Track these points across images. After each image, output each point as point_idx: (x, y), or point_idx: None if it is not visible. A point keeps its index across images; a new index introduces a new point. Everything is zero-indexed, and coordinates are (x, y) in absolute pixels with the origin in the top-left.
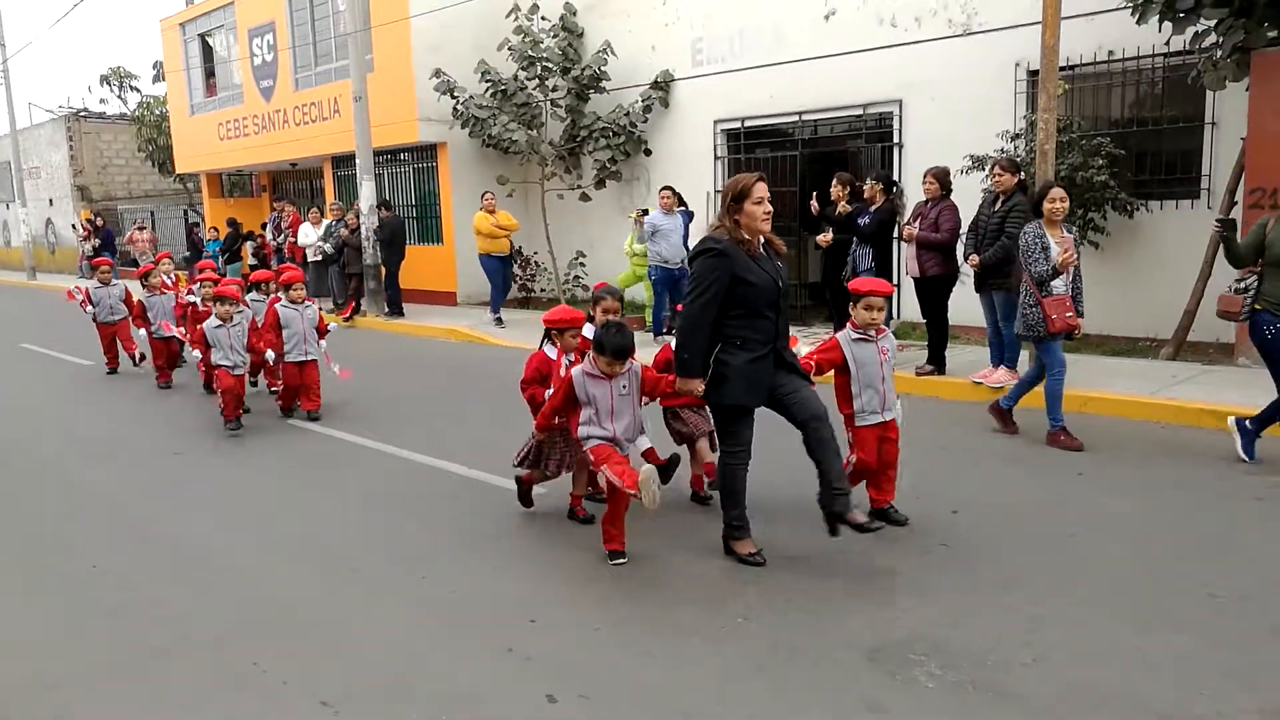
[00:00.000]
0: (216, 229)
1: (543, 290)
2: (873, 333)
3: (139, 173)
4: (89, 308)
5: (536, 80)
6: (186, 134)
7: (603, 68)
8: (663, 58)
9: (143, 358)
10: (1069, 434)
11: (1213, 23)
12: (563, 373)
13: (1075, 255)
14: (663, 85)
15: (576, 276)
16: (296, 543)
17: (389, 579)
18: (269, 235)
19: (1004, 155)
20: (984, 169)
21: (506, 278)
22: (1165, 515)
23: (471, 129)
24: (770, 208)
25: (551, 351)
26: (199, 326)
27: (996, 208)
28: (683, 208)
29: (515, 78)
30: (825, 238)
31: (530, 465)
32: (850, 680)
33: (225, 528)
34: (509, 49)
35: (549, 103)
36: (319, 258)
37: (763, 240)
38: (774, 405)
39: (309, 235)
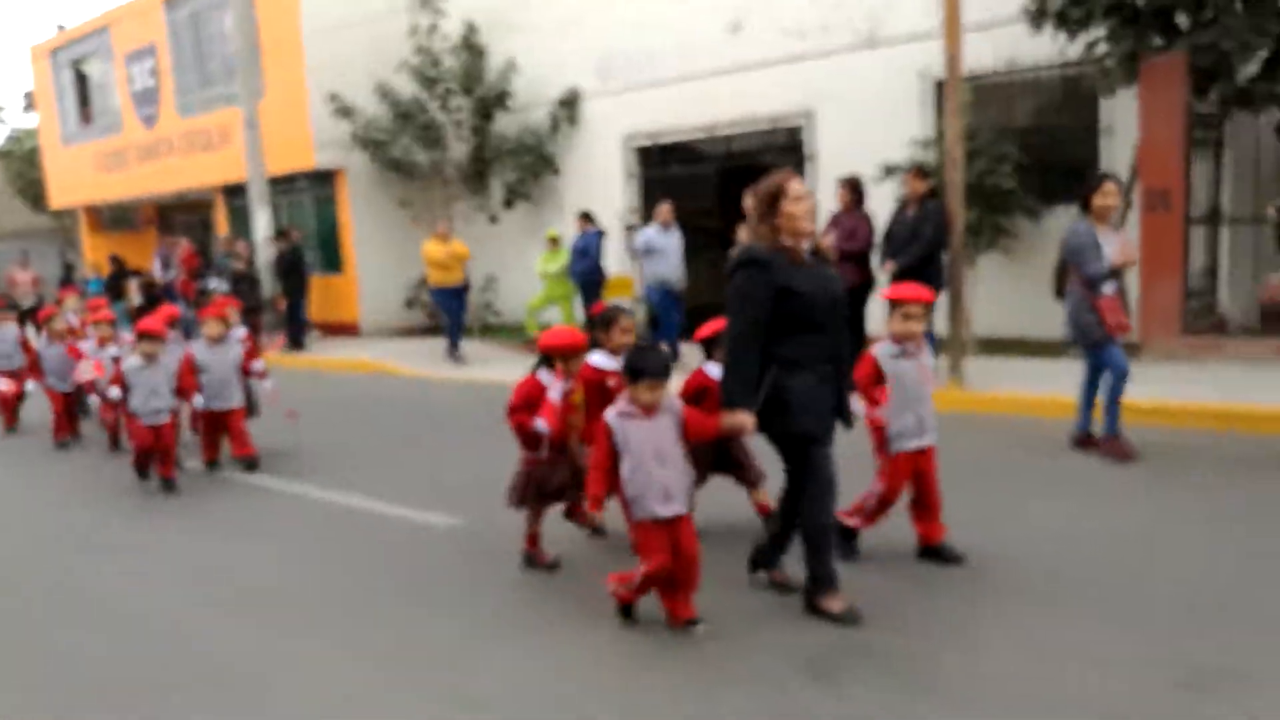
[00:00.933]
0: (98, 267)
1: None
2: (912, 346)
3: (9, 209)
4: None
5: (438, 101)
6: (61, 166)
7: (507, 86)
8: (570, 75)
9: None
10: (1122, 442)
11: (1103, 32)
12: (555, 398)
13: (1135, 253)
14: (570, 103)
15: (488, 303)
16: (217, 593)
17: (317, 626)
18: (157, 270)
19: (914, 163)
20: (895, 177)
21: (463, 310)
22: (1081, 508)
23: (371, 153)
24: (813, 203)
25: (546, 378)
26: (117, 367)
27: (909, 214)
28: (593, 228)
29: (416, 99)
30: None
31: (527, 500)
32: (783, 693)
33: (141, 579)
34: (409, 69)
35: (452, 123)
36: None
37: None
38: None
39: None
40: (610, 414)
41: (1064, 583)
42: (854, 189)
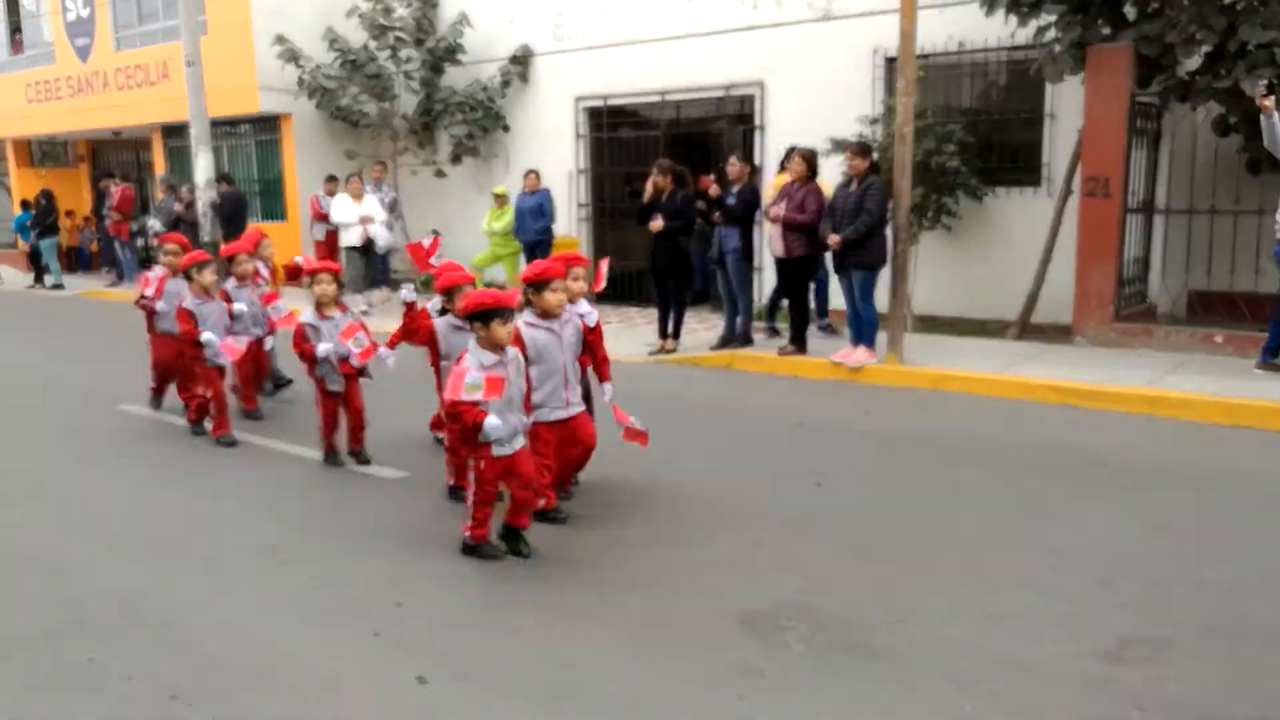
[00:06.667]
0: (27, 201)
1: (395, 272)
2: None
3: None
4: (159, 303)
5: (388, 51)
6: None
7: (458, 39)
8: (522, 31)
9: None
10: None
11: (1053, 18)
12: None
13: None
14: (522, 60)
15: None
16: (136, 536)
17: (241, 569)
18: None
19: (857, 140)
20: (843, 152)
21: None
22: (1011, 483)
23: (319, 100)
24: None
25: None
26: (299, 324)
27: (852, 188)
28: (543, 186)
29: (365, 47)
30: (656, 224)
31: None
32: (722, 648)
33: (51, 524)
34: (359, 16)
35: (402, 75)
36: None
37: None
38: None
39: (346, 210)
40: None
41: (987, 551)
42: (809, 160)
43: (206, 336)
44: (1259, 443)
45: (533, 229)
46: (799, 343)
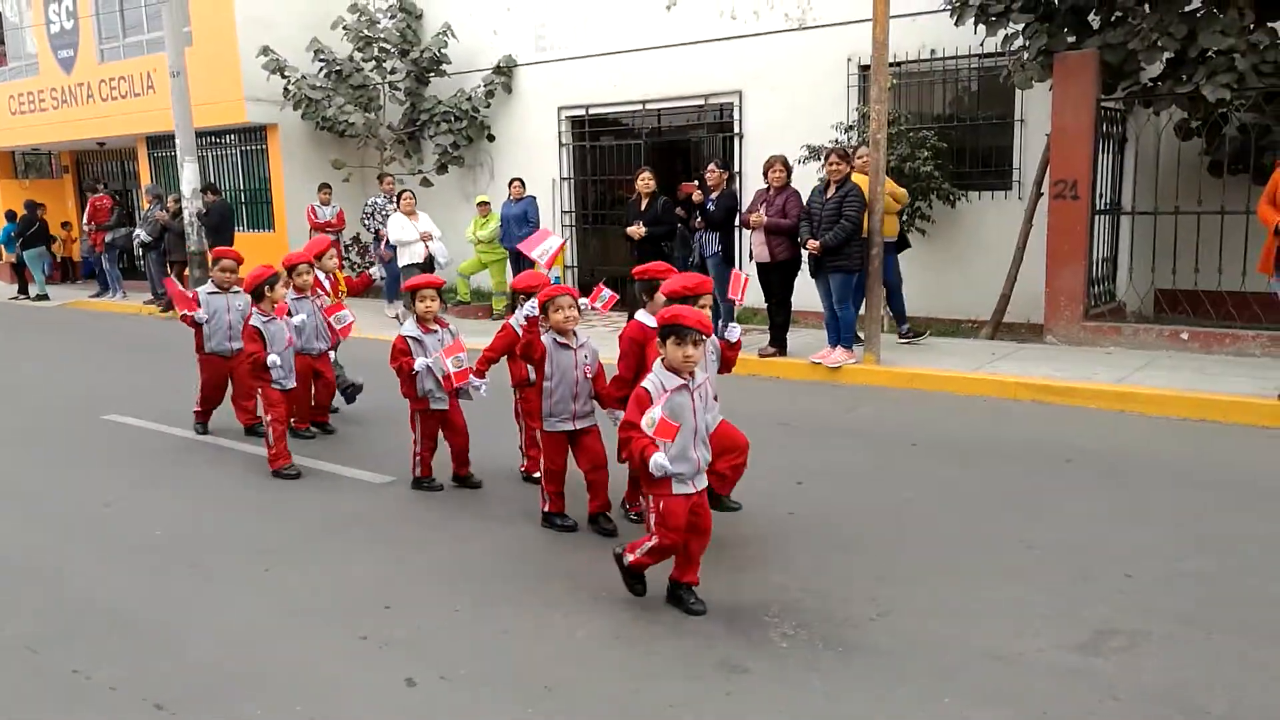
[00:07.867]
0: (13, 213)
1: (381, 279)
2: None
3: None
4: (201, 313)
5: (373, 62)
6: None
7: (443, 50)
8: (505, 42)
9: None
10: None
11: (1020, 26)
12: None
13: None
14: (506, 70)
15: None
16: (122, 543)
17: (229, 574)
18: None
19: (838, 145)
20: (820, 159)
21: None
22: (988, 478)
23: (304, 111)
24: None
25: None
26: (400, 336)
27: (829, 195)
28: (528, 193)
29: (351, 58)
30: (637, 230)
31: None
32: (708, 644)
33: (36, 530)
34: (344, 28)
35: (387, 85)
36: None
37: None
38: None
39: (404, 229)
40: None
41: (968, 546)
42: (789, 167)
43: (272, 359)
44: (1225, 436)
45: (518, 236)
46: (779, 344)
